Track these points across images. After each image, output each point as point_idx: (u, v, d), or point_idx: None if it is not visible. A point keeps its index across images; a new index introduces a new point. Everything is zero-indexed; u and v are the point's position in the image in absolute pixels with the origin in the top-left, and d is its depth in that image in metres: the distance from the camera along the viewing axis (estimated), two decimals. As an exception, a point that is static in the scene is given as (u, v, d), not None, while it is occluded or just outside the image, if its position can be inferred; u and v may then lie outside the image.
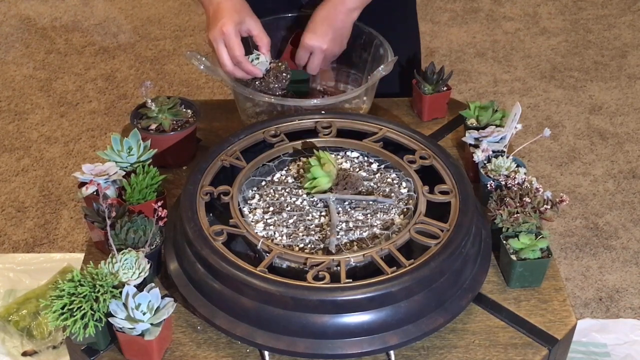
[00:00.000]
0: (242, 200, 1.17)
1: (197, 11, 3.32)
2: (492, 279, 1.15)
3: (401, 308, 1.01)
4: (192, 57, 1.35)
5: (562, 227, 2.29)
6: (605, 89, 2.89)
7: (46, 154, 2.57)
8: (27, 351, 1.85)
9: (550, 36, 3.20)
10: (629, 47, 3.13)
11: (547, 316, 1.09)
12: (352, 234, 1.11)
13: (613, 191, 2.42)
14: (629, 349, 1.89)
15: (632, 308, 2.05)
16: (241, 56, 1.30)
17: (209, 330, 1.07)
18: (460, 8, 3.38)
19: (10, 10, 3.34)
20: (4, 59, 3.04)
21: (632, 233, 2.27)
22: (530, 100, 2.83)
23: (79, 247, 2.22)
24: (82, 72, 2.97)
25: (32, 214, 2.34)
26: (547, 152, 2.58)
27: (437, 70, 1.43)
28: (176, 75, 2.97)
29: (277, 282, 1.00)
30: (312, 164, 1.17)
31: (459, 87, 2.89)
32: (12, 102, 2.81)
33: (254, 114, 1.40)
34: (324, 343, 1.01)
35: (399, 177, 1.21)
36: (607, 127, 2.69)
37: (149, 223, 1.11)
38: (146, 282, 1.06)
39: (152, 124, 1.32)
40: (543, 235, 1.13)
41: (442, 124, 1.45)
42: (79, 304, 0.99)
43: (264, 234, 1.12)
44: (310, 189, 1.17)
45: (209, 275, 1.05)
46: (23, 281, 2.03)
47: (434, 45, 3.15)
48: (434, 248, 1.05)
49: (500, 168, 1.22)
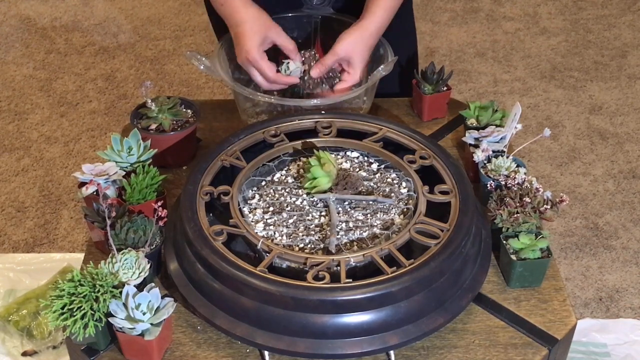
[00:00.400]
0: (242, 200, 1.17)
1: (197, 11, 3.32)
2: (492, 279, 1.15)
3: (401, 308, 1.01)
4: (192, 57, 1.35)
5: (562, 227, 2.29)
6: (605, 89, 2.89)
7: (46, 154, 2.57)
8: (27, 351, 1.85)
9: (550, 36, 3.20)
10: (629, 47, 3.13)
11: (547, 316, 1.09)
12: (352, 234, 1.11)
13: (613, 191, 2.42)
14: (629, 349, 1.89)
15: (632, 308, 2.05)
16: (273, 76, 1.32)
17: (209, 330, 1.07)
18: (460, 8, 3.38)
19: (10, 10, 3.34)
20: (4, 59, 3.04)
21: (632, 233, 2.27)
22: (530, 100, 2.83)
23: (79, 247, 2.22)
24: (82, 72, 2.97)
25: (32, 214, 2.34)
26: (547, 152, 2.58)
27: (437, 70, 1.43)
28: (176, 75, 2.97)
29: (277, 282, 1.00)
30: (312, 164, 1.17)
31: (459, 87, 2.89)
32: (12, 102, 2.81)
33: (254, 114, 1.41)
34: (324, 343, 1.01)
35: (399, 177, 1.21)
36: (607, 127, 2.69)
37: (149, 223, 1.11)
38: (146, 282, 1.06)
39: (152, 124, 1.32)
40: (543, 235, 1.13)
41: (442, 124, 1.45)
42: (79, 304, 0.99)
43: (264, 234, 1.12)
44: (310, 189, 1.17)
45: (209, 275, 1.05)
46: (23, 281, 2.03)
47: (434, 45, 3.15)
48: (434, 248, 1.05)
49: (500, 168, 1.22)
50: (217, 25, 1.58)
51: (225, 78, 1.34)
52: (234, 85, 1.34)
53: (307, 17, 1.48)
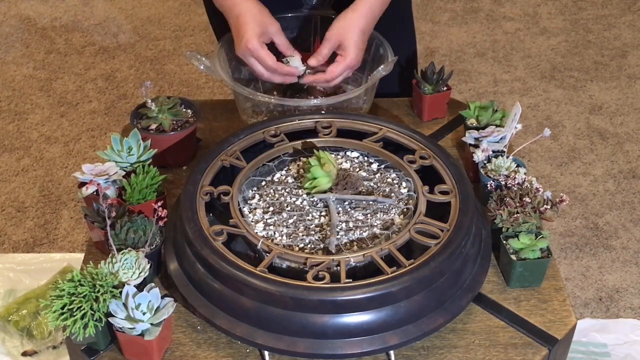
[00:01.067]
0: (242, 200, 1.17)
1: (197, 11, 3.32)
2: (492, 279, 1.15)
3: (401, 308, 1.01)
4: (192, 57, 1.35)
5: (562, 227, 2.29)
6: (605, 89, 2.89)
7: (46, 154, 2.57)
8: (27, 351, 1.85)
9: (550, 36, 3.20)
10: (629, 47, 3.13)
11: (547, 316, 1.09)
12: (352, 234, 1.11)
13: (613, 191, 2.42)
14: (629, 349, 1.89)
15: (632, 308, 2.05)
16: (274, 64, 1.30)
17: (209, 330, 1.07)
18: (460, 8, 3.38)
19: (10, 10, 3.34)
20: (4, 59, 3.04)
21: (632, 233, 2.27)
22: (530, 100, 2.83)
23: (79, 247, 2.22)
24: (82, 72, 2.97)
25: (32, 214, 2.34)
26: (547, 152, 2.58)
27: (437, 70, 1.43)
28: (176, 75, 2.97)
29: (277, 282, 1.00)
30: (312, 164, 1.17)
31: (459, 87, 2.89)
32: (12, 102, 2.81)
33: (254, 114, 1.41)
34: (324, 343, 1.01)
35: (399, 177, 1.21)
36: (607, 127, 2.69)
37: (149, 223, 1.11)
38: (146, 282, 1.06)
39: (152, 124, 1.32)
40: (543, 235, 1.13)
41: (442, 124, 1.45)
42: (79, 304, 0.99)
43: (264, 234, 1.12)
44: (310, 189, 1.17)
45: (209, 275, 1.05)
46: (23, 281, 2.03)
47: (434, 45, 3.15)
48: (434, 248, 1.05)
49: (500, 168, 1.22)
50: (217, 26, 1.58)
51: (225, 78, 1.34)
52: (234, 85, 1.34)
53: (307, 17, 1.48)
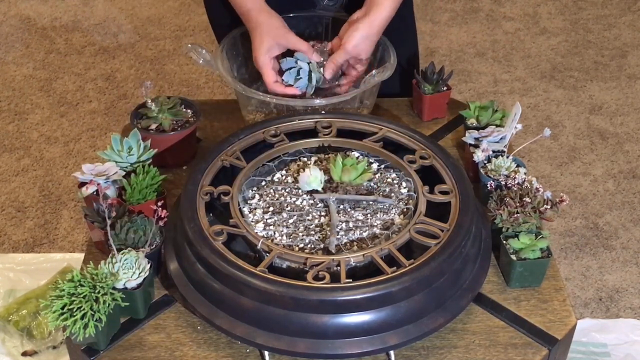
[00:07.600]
0: (242, 200, 1.17)
1: (197, 11, 3.32)
2: (492, 279, 1.15)
3: (401, 308, 1.01)
4: (191, 50, 1.35)
5: (562, 227, 2.29)
6: (605, 89, 2.89)
7: (46, 154, 2.57)
8: (27, 351, 1.85)
9: (550, 36, 3.20)
10: (629, 47, 3.13)
11: (547, 316, 1.09)
12: (352, 234, 1.11)
13: (613, 191, 2.42)
14: (629, 349, 1.89)
15: (632, 308, 2.05)
16: (270, 85, 1.34)
17: (209, 330, 1.07)
18: (460, 8, 3.38)
19: (10, 10, 3.34)
20: (4, 59, 3.04)
21: (632, 233, 2.27)
22: (530, 100, 2.83)
23: (79, 247, 2.22)
24: (82, 72, 2.97)
25: (32, 214, 2.34)
26: (547, 152, 2.58)
27: (437, 70, 1.43)
28: (176, 75, 2.97)
29: (277, 282, 1.00)
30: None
31: (459, 87, 2.89)
32: (12, 102, 2.81)
33: (255, 112, 1.40)
34: (324, 343, 1.01)
35: (399, 177, 1.21)
36: (607, 127, 2.69)
37: (149, 223, 1.11)
38: (146, 282, 1.06)
39: (152, 124, 1.32)
40: (543, 235, 1.13)
41: (442, 124, 1.45)
42: (79, 304, 0.99)
43: (264, 234, 1.12)
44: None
45: (209, 275, 1.05)
46: (23, 281, 2.03)
47: (434, 45, 3.15)
48: (434, 248, 1.05)
49: (500, 168, 1.22)
50: (217, 25, 1.58)
51: (225, 75, 1.34)
52: (234, 85, 1.33)
53: (319, 18, 1.48)
